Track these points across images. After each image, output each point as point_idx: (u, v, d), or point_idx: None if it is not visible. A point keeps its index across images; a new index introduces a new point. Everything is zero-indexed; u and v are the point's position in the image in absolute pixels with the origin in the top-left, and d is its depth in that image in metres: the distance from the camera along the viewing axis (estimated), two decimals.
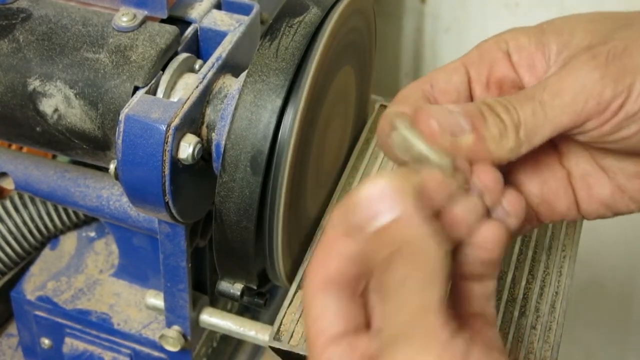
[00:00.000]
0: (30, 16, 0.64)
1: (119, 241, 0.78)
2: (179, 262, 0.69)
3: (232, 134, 0.57)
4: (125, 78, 0.61)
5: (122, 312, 0.78)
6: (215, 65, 0.63)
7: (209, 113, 0.62)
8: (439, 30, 1.33)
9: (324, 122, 0.63)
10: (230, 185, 0.57)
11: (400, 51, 1.37)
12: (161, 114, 0.59)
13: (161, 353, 0.77)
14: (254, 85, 0.57)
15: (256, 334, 0.71)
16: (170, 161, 0.59)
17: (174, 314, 0.72)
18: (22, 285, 0.81)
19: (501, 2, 1.25)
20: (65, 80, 0.62)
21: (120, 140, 0.59)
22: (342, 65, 0.65)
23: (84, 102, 0.62)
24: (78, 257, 0.82)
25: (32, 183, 0.75)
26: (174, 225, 0.66)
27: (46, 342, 0.82)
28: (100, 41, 0.63)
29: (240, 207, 0.57)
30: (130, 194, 0.62)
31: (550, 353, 0.57)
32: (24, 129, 0.64)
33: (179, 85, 0.62)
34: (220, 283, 0.64)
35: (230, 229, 0.59)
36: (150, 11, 0.64)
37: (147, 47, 0.62)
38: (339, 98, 0.66)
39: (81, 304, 0.79)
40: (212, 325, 0.74)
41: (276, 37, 0.58)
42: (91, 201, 0.73)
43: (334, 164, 0.69)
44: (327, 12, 0.60)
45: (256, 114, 0.57)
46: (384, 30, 1.34)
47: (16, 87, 0.63)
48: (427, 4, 1.31)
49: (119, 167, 0.60)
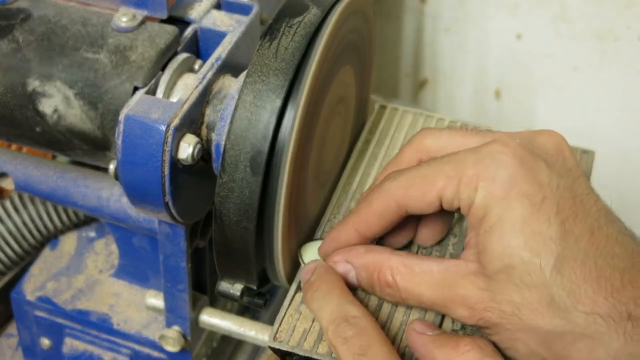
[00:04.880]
0: (29, 16, 0.64)
1: (118, 241, 0.78)
2: (178, 262, 0.69)
3: (231, 134, 0.57)
4: (125, 78, 0.61)
5: (122, 313, 0.78)
6: (215, 65, 0.63)
7: (208, 113, 0.62)
8: (439, 30, 1.33)
9: (323, 122, 0.63)
10: (230, 185, 0.57)
11: (400, 51, 1.37)
12: (161, 114, 0.59)
13: (161, 353, 0.77)
14: (253, 86, 0.57)
15: (256, 334, 0.71)
16: (170, 161, 0.59)
17: (174, 314, 0.72)
18: (22, 286, 0.81)
19: (501, 2, 1.25)
20: (64, 81, 0.62)
21: (119, 141, 0.59)
22: (342, 66, 0.65)
23: (83, 103, 0.62)
24: (78, 257, 0.82)
25: (32, 183, 0.75)
26: (173, 226, 0.66)
27: (46, 342, 0.82)
28: (100, 41, 0.63)
29: (240, 208, 0.57)
30: (130, 194, 0.62)
31: None
32: (23, 129, 0.64)
33: (179, 86, 0.62)
34: (220, 283, 0.64)
35: (230, 229, 0.58)
36: (150, 11, 0.64)
37: (146, 47, 0.62)
38: (338, 98, 0.66)
39: (81, 304, 0.79)
40: (212, 326, 0.74)
41: (276, 37, 0.58)
42: (91, 201, 0.73)
43: (334, 164, 0.69)
44: (327, 12, 0.60)
45: (256, 114, 0.56)
46: (384, 30, 1.34)
47: (16, 87, 0.62)
48: (427, 4, 1.31)
49: (118, 167, 0.60)
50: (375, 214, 0.58)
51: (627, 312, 0.50)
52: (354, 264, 0.58)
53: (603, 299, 0.51)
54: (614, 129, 1.27)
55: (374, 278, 0.57)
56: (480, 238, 0.53)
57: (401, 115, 0.75)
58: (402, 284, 0.56)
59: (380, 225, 0.58)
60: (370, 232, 0.59)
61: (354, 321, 0.54)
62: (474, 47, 1.32)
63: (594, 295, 0.51)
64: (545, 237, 0.51)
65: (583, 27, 1.22)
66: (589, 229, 0.52)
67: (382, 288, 0.57)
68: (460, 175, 0.54)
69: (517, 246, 0.52)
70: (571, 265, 0.51)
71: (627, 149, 1.27)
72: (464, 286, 0.54)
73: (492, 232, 0.53)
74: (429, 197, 0.55)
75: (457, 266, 0.55)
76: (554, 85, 1.28)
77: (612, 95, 1.26)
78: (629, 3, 1.18)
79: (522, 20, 1.26)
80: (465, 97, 1.35)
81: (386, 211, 0.57)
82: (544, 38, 1.25)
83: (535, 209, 0.52)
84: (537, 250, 0.51)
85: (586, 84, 1.26)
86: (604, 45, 1.22)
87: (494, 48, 1.31)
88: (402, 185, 0.56)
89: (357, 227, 0.59)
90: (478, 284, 0.53)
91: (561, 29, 1.22)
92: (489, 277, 0.53)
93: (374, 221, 0.58)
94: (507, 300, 0.52)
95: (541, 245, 0.51)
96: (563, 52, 1.25)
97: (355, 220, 0.59)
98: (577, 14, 1.21)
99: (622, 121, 1.27)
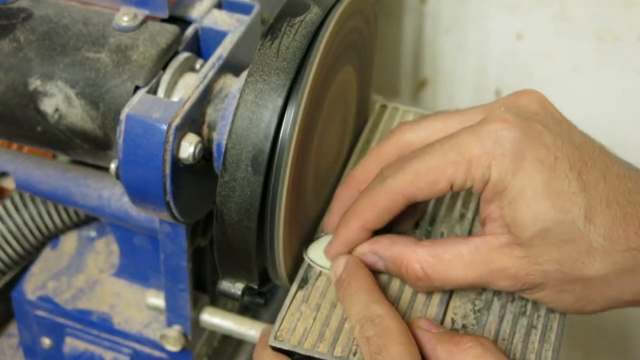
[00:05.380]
0: (31, 16, 0.64)
1: (119, 241, 0.78)
2: (179, 261, 0.69)
3: (233, 133, 0.57)
4: (126, 77, 0.61)
5: (122, 312, 0.78)
6: (216, 64, 0.63)
7: (209, 112, 0.62)
8: (439, 30, 1.33)
9: (324, 121, 0.63)
10: (231, 184, 0.57)
11: (400, 51, 1.37)
12: (162, 113, 0.59)
13: (162, 353, 0.77)
14: (255, 85, 0.57)
15: (257, 333, 0.71)
16: (171, 161, 0.59)
17: (175, 313, 0.72)
18: (23, 285, 0.81)
19: (501, 2, 1.25)
20: (66, 80, 0.62)
21: (121, 140, 0.59)
22: (343, 65, 0.65)
23: (84, 102, 0.62)
24: (78, 256, 0.82)
25: (32, 183, 0.75)
26: (174, 225, 0.66)
27: (47, 341, 0.82)
28: (101, 41, 0.63)
29: (242, 207, 0.57)
30: (131, 194, 0.62)
31: (550, 353, 0.57)
32: (24, 128, 0.64)
33: (180, 85, 0.62)
34: (221, 283, 0.64)
35: (231, 228, 0.58)
36: (151, 11, 0.64)
37: (148, 46, 0.62)
38: (339, 98, 0.66)
39: (82, 304, 0.79)
40: (213, 325, 0.74)
41: (277, 37, 0.58)
42: (92, 201, 0.73)
43: (334, 164, 0.69)
44: (328, 12, 0.60)
45: (257, 113, 0.57)
46: (384, 30, 1.34)
47: (17, 86, 0.63)
48: (427, 4, 1.31)
49: (119, 166, 0.60)
50: (383, 211, 0.59)
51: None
52: (382, 256, 0.59)
53: (634, 234, 0.54)
54: (614, 129, 1.27)
55: (402, 271, 0.58)
56: (506, 210, 0.55)
57: (402, 114, 0.75)
58: (434, 275, 0.57)
59: (389, 219, 0.59)
60: (378, 227, 0.60)
61: (378, 321, 0.55)
62: (474, 47, 1.32)
63: (625, 233, 0.54)
64: (569, 193, 0.54)
65: (583, 27, 1.22)
66: (601, 173, 0.55)
67: (413, 282, 0.58)
68: (468, 158, 0.55)
69: (545, 210, 0.54)
70: (598, 211, 0.54)
71: (627, 149, 1.27)
72: (499, 259, 0.56)
73: (516, 202, 0.54)
74: (440, 186, 0.57)
75: (486, 242, 0.56)
76: (554, 85, 1.28)
77: (612, 95, 1.26)
78: (629, 3, 1.18)
79: (522, 20, 1.26)
80: (466, 96, 1.35)
81: (394, 205, 0.58)
82: (544, 38, 1.25)
83: (552, 171, 0.54)
84: (565, 207, 0.54)
85: (586, 84, 1.26)
86: (604, 45, 1.22)
87: (494, 48, 1.31)
88: (409, 179, 0.57)
89: (365, 225, 0.59)
90: (514, 254, 0.55)
91: (561, 29, 1.22)
92: (524, 244, 0.55)
93: (383, 217, 0.59)
94: (548, 260, 0.55)
95: (567, 202, 0.54)
96: (563, 52, 1.25)
97: (362, 220, 0.59)
98: (577, 13, 1.21)
99: (622, 121, 1.27)
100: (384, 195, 0.58)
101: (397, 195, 0.57)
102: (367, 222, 0.59)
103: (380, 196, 0.58)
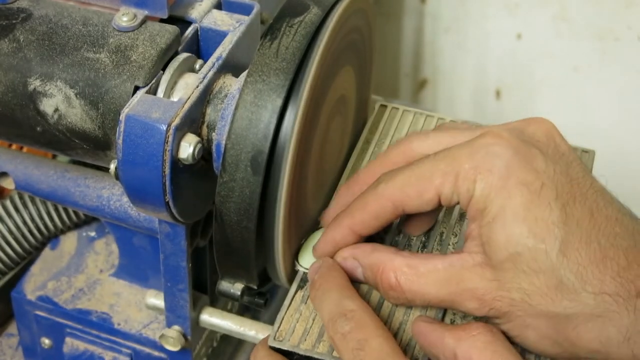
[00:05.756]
0: (30, 16, 0.64)
1: (119, 241, 0.78)
2: (179, 262, 0.69)
3: (232, 133, 0.57)
4: (126, 78, 0.61)
5: (122, 312, 0.78)
6: (216, 65, 0.63)
7: (209, 113, 0.62)
8: (439, 30, 1.33)
9: (324, 122, 0.63)
10: (230, 185, 0.57)
11: (400, 51, 1.37)
12: (161, 113, 0.59)
13: (161, 353, 0.77)
14: (254, 85, 0.57)
15: (256, 333, 0.71)
16: (170, 161, 0.59)
17: (174, 313, 0.72)
18: (23, 285, 0.81)
19: (501, 2, 1.25)
20: (65, 80, 0.62)
21: (120, 140, 0.59)
22: (342, 65, 0.65)
23: (84, 102, 0.62)
24: (78, 257, 0.82)
25: (32, 183, 0.75)
26: (174, 225, 0.66)
27: (46, 342, 0.82)
28: (101, 41, 0.63)
29: (241, 207, 0.57)
30: (131, 194, 0.62)
31: None
32: (24, 128, 0.64)
33: (180, 85, 0.62)
34: (221, 283, 0.64)
35: (231, 228, 0.59)
36: (151, 11, 0.64)
37: (147, 46, 0.62)
38: (339, 98, 0.66)
39: (81, 304, 0.79)
40: (212, 325, 0.74)
41: (277, 37, 0.58)
42: (91, 201, 0.73)
43: (334, 164, 0.69)
44: (328, 12, 0.60)
45: (257, 113, 0.57)
46: (384, 30, 1.34)
47: (16, 86, 0.63)
48: (427, 4, 1.31)
49: (119, 166, 0.60)
50: (371, 216, 0.58)
51: (635, 289, 0.51)
52: (361, 262, 0.59)
53: (610, 278, 0.51)
54: (614, 129, 1.27)
55: (377, 279, 0.57)
56: (484, 229, 0.53)
57: (402, 114, 0.75)
58: (406, 286, 0.56)
59: (377, 225, 0.58)
60: (366, 232, 0.59)
61: (350, 315, 0.54)
62: (474, 47, 1.32)
63: (601, 275, 0.51)
64: (548, 222, 0.52)
65: (583, 27, 1.22)
66: (589, 210, 0.53)
67: (385, 291, 0.57)
68: (457, 170, 0.54)
69: (521, 234, 0.52)
70: (576, 247, 0.52)
71: (627, 149, 1.27)
72: (470, 279, 0.54)
73: (494, 222, 0.53)
74: (427, 195, 0.56)
75: (461, 260, 0.55)
76: (554, 85, 1.28)
77: (612, 95, 1.26)
78: (629, 3, 1.18)
79: (522, 20, 1.26)
80: (465, 97, 1.36)
81: (382, 212, 0.57)
82: (544, 38, 1.25)
83: (535, 196, 0.52)
84: (541, 235, 0.52)
85: (586, 84, 1.26)
86: (604, 45, 1.22)
87: (494, 48, 1.31)
88: (398, 186, 0.56)
89: (353, 228, 0.59)
90: (485, 275, 0.54)
91: (561, 29, 1.22)
92: (495, 267, 0.53)
93: (370, 222, 0.58)
94: (516, 288, 0.53)
95: (545, 230, 0.52)
96: (563, 52, 1.25)
97: (351, 222, 0.59)
98: (577, 13, 1.21)
99: (622, 121, 1.27)
100: (373, 199, 0.57)
101: (386, 201, 0.57)
102: (355, 225, 0.59)
103: (370, 200, 0.58)
